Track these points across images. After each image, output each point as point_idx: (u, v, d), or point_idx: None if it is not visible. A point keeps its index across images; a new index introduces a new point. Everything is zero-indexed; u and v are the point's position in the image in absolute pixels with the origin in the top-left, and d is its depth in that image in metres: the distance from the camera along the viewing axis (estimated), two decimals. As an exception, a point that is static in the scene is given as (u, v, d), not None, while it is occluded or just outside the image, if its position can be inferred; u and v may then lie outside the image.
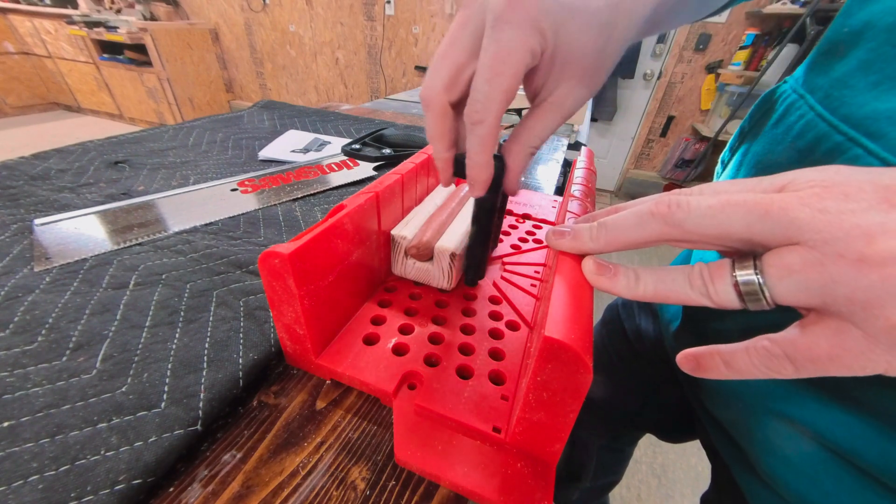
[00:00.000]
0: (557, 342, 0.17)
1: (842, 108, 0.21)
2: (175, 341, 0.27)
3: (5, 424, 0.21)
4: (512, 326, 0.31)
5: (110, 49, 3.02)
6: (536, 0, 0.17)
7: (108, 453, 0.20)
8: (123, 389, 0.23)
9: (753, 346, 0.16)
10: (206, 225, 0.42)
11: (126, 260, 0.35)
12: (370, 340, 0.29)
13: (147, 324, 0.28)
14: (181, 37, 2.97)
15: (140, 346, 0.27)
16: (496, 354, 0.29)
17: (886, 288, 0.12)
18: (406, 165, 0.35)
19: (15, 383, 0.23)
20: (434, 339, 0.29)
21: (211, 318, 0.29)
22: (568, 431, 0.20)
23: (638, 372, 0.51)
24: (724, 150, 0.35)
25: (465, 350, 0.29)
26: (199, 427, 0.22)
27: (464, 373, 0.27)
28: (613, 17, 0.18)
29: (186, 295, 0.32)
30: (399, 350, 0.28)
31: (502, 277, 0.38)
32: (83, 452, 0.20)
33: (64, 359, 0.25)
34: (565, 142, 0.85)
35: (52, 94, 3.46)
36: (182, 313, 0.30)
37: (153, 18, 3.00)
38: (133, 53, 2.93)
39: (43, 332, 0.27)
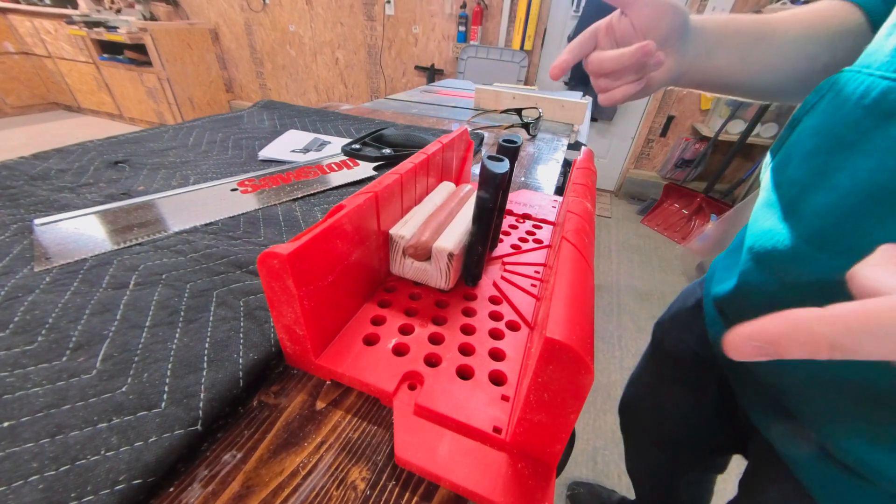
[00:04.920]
0: (559, 343, 0.17)
1: None
2: (175, 341, 0.27)
3: (5, 424, 0.21)
4: (512, 327, 0.31)
5: (110, 49, 3.02)
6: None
7: (108, 453, 0.20)
8: (123, 389, 0.23)
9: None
10: (206, 225, 0.42)
11: (126, 260, 0.35)
12: (370, 341, 0.29)
13: (147, 324, 0.28)
14: (181, 37, 2.97)
15: (140, 346, 0.27)
16: (496, 355, 0.29)
17: None
18: (405, 165, 0.34)
19: (15, 383, 0.23)
20: (434, 340, 0.29)
21: (211, 318, 0.29)
22: (569, 432, 0.20)
23: (696, 387, 0.50)
24: (774, 143, 0.36)
25: (466, 350, 0.29)
26: (199, 427, 0.22)
27: (464, 373, 0.27)
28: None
29: (186, 295, 0.32)
30: (399, 350, 0.28)
31: (502, 277, 0.38)
32: (83, 452, 0.20)
33: (64, 359, 0.25)
34: (565, 142, 0.86)
35: (52, 94, 3.46)
36: (182, 313, 0.30)
37: (153, 18, 3.00)
38: (133, 53, 2.93)
39: (43, 332, 0.27)
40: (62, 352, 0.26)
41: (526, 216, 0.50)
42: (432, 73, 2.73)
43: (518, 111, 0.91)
